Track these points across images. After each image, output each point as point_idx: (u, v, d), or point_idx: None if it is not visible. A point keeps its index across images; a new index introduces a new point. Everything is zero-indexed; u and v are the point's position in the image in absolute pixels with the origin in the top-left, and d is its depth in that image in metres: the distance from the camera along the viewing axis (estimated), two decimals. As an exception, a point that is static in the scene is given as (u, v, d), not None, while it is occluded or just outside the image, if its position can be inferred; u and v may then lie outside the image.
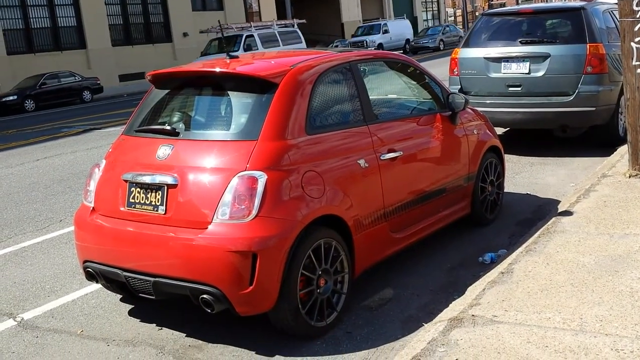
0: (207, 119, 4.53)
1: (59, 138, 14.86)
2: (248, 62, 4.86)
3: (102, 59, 31.77)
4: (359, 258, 4.43)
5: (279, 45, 27.18)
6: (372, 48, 35.30)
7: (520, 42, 8.63)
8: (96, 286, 5.08)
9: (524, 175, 7.76)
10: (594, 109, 8.10)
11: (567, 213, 5.63)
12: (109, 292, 4.90)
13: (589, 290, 4.08)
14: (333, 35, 42.52)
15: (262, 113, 4.14)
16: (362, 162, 4.50)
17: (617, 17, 7.12)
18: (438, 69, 15.33)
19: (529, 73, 8.41)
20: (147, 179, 4.18)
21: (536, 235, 5.21)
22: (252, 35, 27.02)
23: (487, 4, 65.70)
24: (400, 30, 42.41)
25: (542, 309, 3.87)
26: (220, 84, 4.55)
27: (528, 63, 8.42)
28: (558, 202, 6.41)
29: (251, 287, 3.78)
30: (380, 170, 4.63)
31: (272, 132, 4.07)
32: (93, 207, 4.50)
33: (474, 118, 5.97)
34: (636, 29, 6.51)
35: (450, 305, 4.24)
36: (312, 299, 4.06)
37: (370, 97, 4.85)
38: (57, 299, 5.11)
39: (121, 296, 4.92)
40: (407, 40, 42.57)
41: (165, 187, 4.09)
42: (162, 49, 34.68)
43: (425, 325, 4.10)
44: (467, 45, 9.19)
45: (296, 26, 30.62)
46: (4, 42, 28.63)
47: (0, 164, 11.80)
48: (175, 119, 4.64)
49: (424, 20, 59.64)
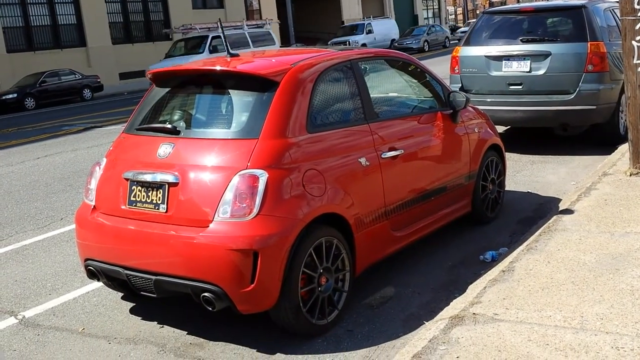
0: (208, 117, 4.53)
1: (59, 136, 14.86)
2: (249, 61, 4.86)
3: (102, 57, 31.75)
4: (360, 256, 4.44)
5: (249, 48, 25.28)
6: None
7: (521, 40, 8.62)
8: (97, 284, 5.09)
9: (525, 173, 7.76)
10: (594, 107, 8.11)
11: (568, 211, 5.63)
12: (110, 290, 4.91)
13: (590, 288, 4.08)
14: (334, 33, 42.42)
15: (263, 111, 4.14)
16: (363, 160, 4.50)
17: (618, 16, 7.13)
18: (439, 67, 15.32)
19: (529, 71, 8.40)
20: (148, 178, 4.18)
21: (537, 233, 5.21)
22: (218, 36, 25.22)
23: (487, 2, 65.68)
24: (385, 30, 40.68)
25: (543, 307, 3.88)
26: (221, 83, 4.55)
27: (529, 61, 8.42)
28: (559, 200, 6.42)
29: (252, 285, 3.78)
30: (381, 169, 4.64)
31: (273, 130, 4.07)
32: (94, 206, 4.51)
33: (475, 116, 5.97)
34: (637, 27, 6.51)
35: (451, 303, 4.25)
36: (313, 297, 4.06)
37: (371, 96, 4.85)
38: (59, 297, 5.11)
39: (122, 294, 4.93)
40: (393, 41, 41.10)
41: (166, 186, 4.09)
42: (162, 47, 34.59)
43: (427, 323, 4.11)
44: (468, 43, 9.18)
45: (269, 26, 28.85)
46: (3, 40, 28.61)
47: (1, 162, 11.81)
48: (176, 117, 4.64)
49: (425, 19, 59.60)
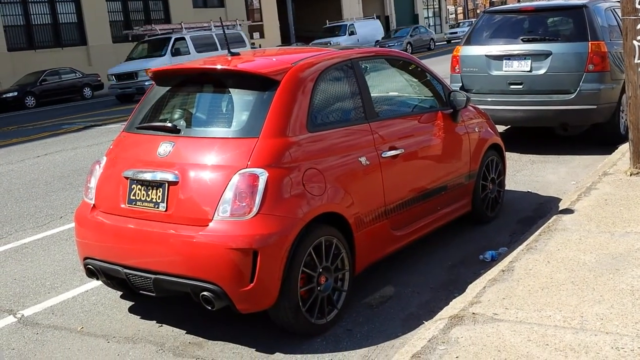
0: (208, 116, 4.52)
1: (59, 135, 14.86)
2: (249, 59, 4.86)
3: (103, 56, 31.73)
4: (359, 256, 4.43)
5: (217, 50, 24.01)
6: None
7: (522, 39, 8.62)
8: (96, 283, 5.08)
9: (525, 173, 7.75)
10: (595, 107, 8.10)
11: (568, 211, 5.62)
12: (110, 289, 4.90)
13: (590, 288, 4.08)
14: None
15: (264, 110, 4.14)
16: (363, 159, 4.49)
17: (619, 15, 7.12)
18: (439, 66, 15.32)
19: (530, 71, 8.40)
20: (148, 176, 4.18)
21: (537, 233, 5.21)
22: (182, 38, 24.05)
23: (488, 1, 65.66)
24: (369, 31, 38.76)
25: (542, 307, 3.87)
26: (221, 81, 4.55)
27: (530, 61, 8.41)
28: (559, 200, 6.41)
29: (252, 284, 3.77)
30: (381, 168, 4.63)
31: (274, 129, 4.06)
32: (94, 204, 4.50)
33: (475, 116, 5.97)
34: (638, 27, 6.50)
35: (451, 303, 4.24)
36: (312, 296, 4.06)
37: (371, 95, 4.84)
38: (58, 296, 5.11)
39: (121, 293, 4.92)
40: (377, 42, 39.29)
41: (166, 184, 4.09)
42: (162, 45, 34.63)
43: (426, 323, 4.10)
44: (468, 42, 9.17)
45: (239, 28, 27.07)
46: (4, 39, 28.62)
47: (1, 161, 11.81)
48: (176, 116, 4.63)
49: (425, 18, 59.62)
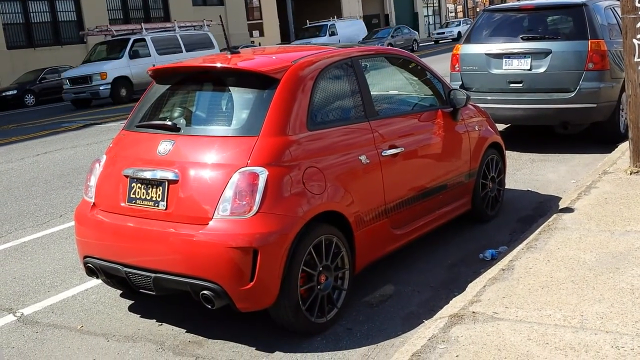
0: (208, 114, 4.52)
1: (59, 133, 14.85)
2: (249, 58, 4.86)
3: (102, 54, 31.71)
4: (359, 254, 4.43)
5: (181, 52, 22.80)
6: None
7: (521, 38, 8.61)
8: (96, 281, 5.08)
9: (525, 171, 7.75)
10: (595, 105, 8.09)
11: (568, 210, 5.62)
12: (109, 287, 4.90)
13: (590, 287, 4.08)
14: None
15: (264, 109, 4.13)
16: (363, 158, 4.49)
17: (619, 14, 7.11)
18: (439, 65, 15.30)
19: (530, 69, 8.39)
20: (148, 175, 4.17)
21: (537, 232, 5.21)
22: (142, 40, 22.60)
23: (487, 0, 65.63)
24: (351, 32, 37.43)
25: (542, 306, 3.87)
26: (221, 80, 4.54)
27: (529, 59, 8.40)
28: (559, 198, 6.41)
29: (252, 283, 3.77)
30: (381, 167, 4.63)
31: (274, 128, 4.06)
32: (94, 203, 4.50)
33: (476, 114, 5.96)
34: (638, 25, 6.50)
35: (451, 302, 4.24)
36: (312, 295, 4.06)
37: (371, 93, 4.84)
38: (57, 294, 5.11)
39: (121, 292, 4.92)
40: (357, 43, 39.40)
41: (166, 183, 4.08)
42: (162, 44, 34.60)
43: (426, 321, 4.10)
44: (468, 41, 9.16)
45: (207, 29, 25.35)
46: (4, 37, 28.61)
47: (1, 159, 11.80)
48: (176, 114, 4.63)
49: (425, 16, 59.59)
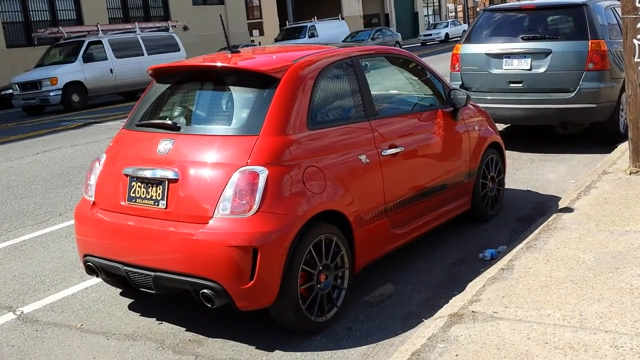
0: (208, 113, 4.52)
1: (58, 132, 14.84)
2: (249, 57, 4.86)
3: (102, 53, 31.64)
4: (359, 254, 4.43)
5: (143, 55, 21.59)
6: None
7: (521, 38, 8.62)
8: (96, 280, 5.08)
9: (525, 171, 7.76)
10: (595, 105, 8.10)
11: (567, 210, 5.63)
12: (109, 286, 4.90)
13: (589, 287, 4.08)
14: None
15: (264, 108, 4.14)
16: (363, 157, 4.49)
17: (620, 14, 7.11)
18: (439, 64, 15.30)
19: (530, 69, 8.39)
20: (148, 174, 4.18)
21: (536, 231, 5.21)
22: (99, 42, 21.06)
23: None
24: (333, 33, 35.91)
25: (542, 306, 3.88)
26: (221, 79, 4.54)
27: (529, 59, 8.40)
28: (558, 198, 6.41)
29: (252, 282, 3.78)
30: (381, 166, 4.63)
31: (274, 127, 4.06)
32: (93, 201, 4.50)
33: (476, 114, 5.96)
34: (638, 26, 6.50)
35: (451, 301, 4.24)
36: (312, 294, 4.06)
37: (371, 93, 4.84)
38: (57, 293, 5.11)
39: (121, 290, 4.92)
40: None
41: (166, 182, 4.09)
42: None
43: (426, 321, 4.10)
44: (468, 41, 9.17)
45: (172, 30, 23.91)
46: (3, 35, 28.53)
47: (0, 157, 11.79)
48: (176, 113, 4.64)
49: (425, 16, 59.58)
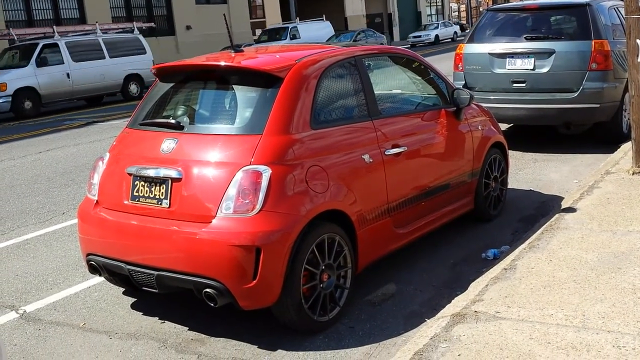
0: (211, 112, 4.53)
1: (61, 131, 14.87)
2: (253, 56, 4.86)
3: (104, 52, 31.67)
4: (362, 253, 4.44)
5: (104, 58, 20.66)
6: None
7: (525, 38, 8.60)
8: (99, 279, 5.09)
9: (528, 171, 7.75)
10: (598, 105, 8.09)
11: (570, 210, 5.62)
12: (112, 285, 4.91)
13: (592, 287, 4.08)
14: (337, 29, 42.26)
15: (267, 107, 4.14)
16: (366, 157, 4.49)
17: (623, 14, 7.11)
18: (442, 64, 15.29)
19: (533, 69, 8.39)
20: (151, 173, 4.18)
21: (539, 231, 5.21)
22: (55, 45, 19.72)
23: (491, -1, 65.57)
24: (315, 34, 34.40)
25: (544, 306, 3.88)
26: (224, 78, 4.55)
27: (533, 59, 8.40)
28: (561, 198, 6.41)
29: (254, 281, 3.78)
30: (384, 166, 4.63)
31: (277, 126, 4.06)
32: (97, 200, 4.51)
33: (479, 114, 5.96)
34: (642, 25, 6.49)
35: (453, 301, 4.25)
36: (315, 293, 4.06)
37: (375, 92, 4.84)
38: (60, 292, 5.12)
39: (124, 289, 4.93)
40: None
41: (170, 181, 4.09)
42: (164, 42, 34.60)
43: (428, 320, 4.10)
44: (471, 40, 9.16)
45: (137, 32, 22.49)
46: (6, 34, 28.61)
47: (3, 156, 11.81)
48: (179, 112, 4.64)
49: (428, 16, 59.52)
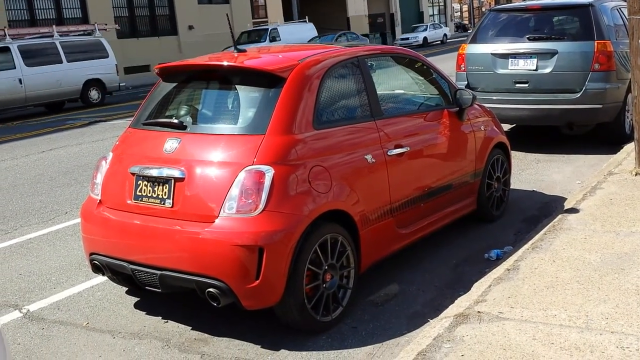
0: (214, 112, 4.53)
1: (64, 130, 14.89)
2: (256, 56, 4.86)
3: (107, 51, 31.69)
4: (365, 253, 4.44)
5: (61, 62, 19.46)
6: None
7: (527, 38, 8.60)
8: (102, 279, 5.09)
9: (530, 172, 7.75)
10: (600, 106, 8.08)
11: (573, 210, 5.62)
12: (115, 284, 4.91)
13: (595, 287, 4.08)
14: (339, 29, 42.35)
15: (270, 107, 4.14)
16: (369, 157, 4.49)
17: (626, 15, 7.10)
18: (445, 64, 15.28)
19: (536, 70, 8.38)
20: (154, 172, 4.19)
21: (542, 232, 5.21)
22: (6, 48, 18.48)
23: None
24: (296, 36, 32.84)
25: (547, 306, 3.87)
26: (227, 78, 4.55)
27: (535, 59, 8.39)
28: (564, 199, 6.40)
29: (257, 281, 3.78)
30: (387, 166, 4.63)
31: (280, 126, 4.07)
32: (100, 200, 4.51)
33: (481, 114, 5.96)
34: (645, 26, 6.48)
35: (456, 301, 4.24)
36: (318, 293, 4.06)
37: (377, 92, 4.84)
38: (63, 291, 5.12)
39: (127, 289, 4.94)
40: None
41: (173, 181, 4.09)
42: (167, 41, 34.62)
43: (431, 321, 4.10)
44: (474, 41, 9.16)
45: (98, 34, 21.20)
46: (9, 34, 28.64)
47: (6, 156, 11.83)
48: (182, 112, 4.64)
49: (430, 16, 59.48)
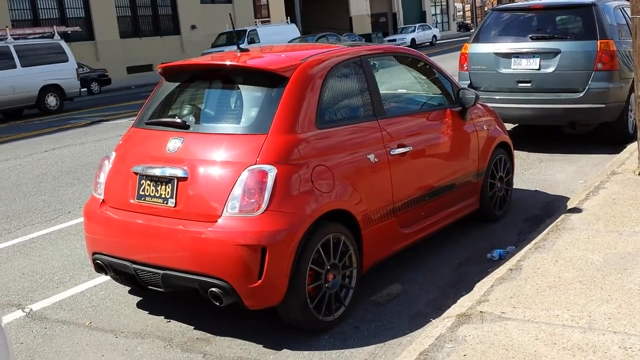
0: (217, 112, 4.53)
1: (66, 129, 14.91)
2: (258, 56, 4.86)
3: (110, 51, 31.80)
4: (367, 253, 4.44)
5: (15, 67, 18.84)
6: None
7: (530, 37, 8.59)
8: (105, 278, 5.10)
9: (533, 171, 7.74)
10: (603, 106, 8.07)
11: (576, 210, 5.61)
12: (118, 284, 4.92)
13: (598, 287, 4.07)
14: (342, 29, 42.38)
15: (273, 107, 4.14)
16: (371, 157, 4.49)
17: (629, 14, 7.08)
18: (447, 64, 15.27)
19: (539, 69, 8.37)
20: (157, 172, 4.19)
21: (545, 232, 5.20)
22: None
23: (496, -1, 65.46)
24: (276, 38, 30.80)
25: (550, 306, 3.87)
26: (230, 77, 4.56)
27: (538, 59, 8.38)
28: (567, 199, 6.40)
29: (260, 280, 3.78)
30: (389, 166, 4.63)
31: (282, 126, 4.07)
32: (103, 199, 4.52)
33: (484, 114, 5.95)
34: (648, 25, 6.47)
35: (459, 301, 4.24)
36: (320, 293, 4.06)
37: (380, 92, 4.84)
38: (66, 291, 5.13)
39: (130, 288, 4.94)
40: None
41: (175, 180, 4.10)
42: (170, 41, 34.69)
43: (433, 321, 4.10)
44: (477, 40, 9.15)
45: (57, 37, 20.51)
46: (12, 33, 28.68)
47: (9, 155, 11.85)
48: (185, 111, 4.65)
49: (433, 15, 59.48)
